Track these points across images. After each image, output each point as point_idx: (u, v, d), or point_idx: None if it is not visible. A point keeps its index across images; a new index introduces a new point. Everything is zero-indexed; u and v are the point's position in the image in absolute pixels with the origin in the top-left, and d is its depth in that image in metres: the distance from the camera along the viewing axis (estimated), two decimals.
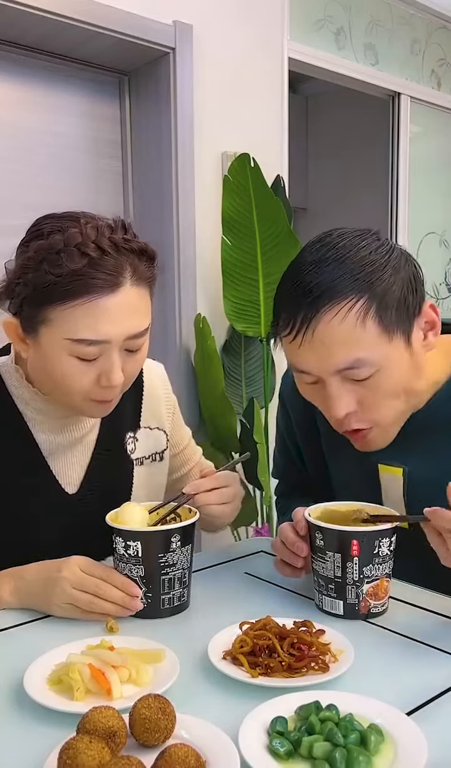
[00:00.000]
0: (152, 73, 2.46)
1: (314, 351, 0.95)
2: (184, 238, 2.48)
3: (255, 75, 2.65)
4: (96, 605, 0.94)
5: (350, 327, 0.93)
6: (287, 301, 0.97)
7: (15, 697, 0.78)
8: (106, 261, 0.95)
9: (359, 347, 0.94)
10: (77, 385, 1.00)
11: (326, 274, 0.93)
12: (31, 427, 1.10)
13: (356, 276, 0.93)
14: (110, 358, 0.98)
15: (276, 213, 2.42)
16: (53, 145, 2.42)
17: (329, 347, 0.94)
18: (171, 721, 0.68)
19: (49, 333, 0.97)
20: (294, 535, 1.02)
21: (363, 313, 0.93)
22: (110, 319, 0.96)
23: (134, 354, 1.02)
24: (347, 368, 0.95)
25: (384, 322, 0.94)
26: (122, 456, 1.19)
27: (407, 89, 3.32)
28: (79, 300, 0.94)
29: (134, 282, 0.98)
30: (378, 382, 0.96)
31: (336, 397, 0.97)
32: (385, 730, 0.69)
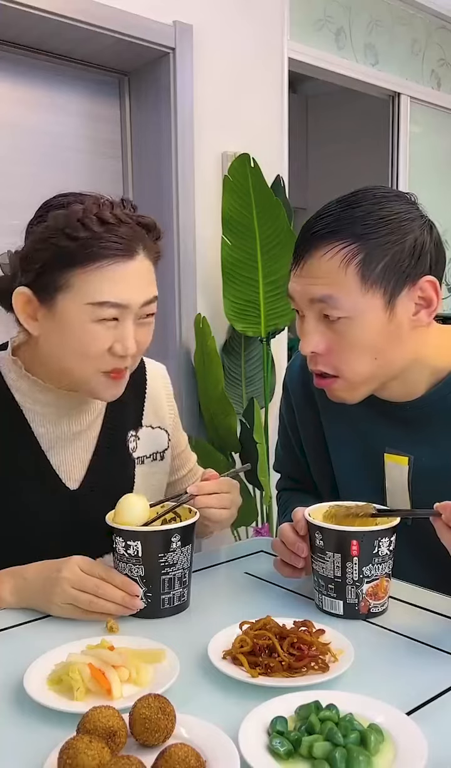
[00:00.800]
0: (152, 73, 2.46)
1: (301, 279, 1.01)
2: (184, 238, 2.48)
3: (255, 75, 2.65)
4: (96, 605, 0.94)
5: (333, 266, 0.97)
6: (300, 237, 1.03)
7: (15, 697, 0.78)
8: (123, 229, 1.00)
9: (335, 286, 0.97)
10: (93, 351, 1.01)
11: (334, 216, 0.99)
12: (29, 420, 1.10)
13: (357, 223, 0.97)
14: (126, 326, 1.01)
15: (276, 213, 2.42)
16: (53, 145, 2.42)
17: (312, 278, 0.99)
18: (171, 721, 0.68)
19: (68, 299, 0.99)
20: (294, 535, 1.02)
21: (349, 258, 0.96)
22: (129, 283, 1.00)
23: (145, 325, 1.05)
24: (320, 300, 0.99)
25: (365, 274, 0.96)
26: (124, 454, 1.19)
27: (407, 89, 3.32)
28: (99, 263, 0.98)
29: (146, 255, 1.03)
30: (347, 329, 0.99)
31: (307, 333, 1.02)
32: (385, 730, 0.69)
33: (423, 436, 1.07)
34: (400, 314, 0.99)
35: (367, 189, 1.03)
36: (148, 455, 1.22)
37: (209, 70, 2.50)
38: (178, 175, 2.45)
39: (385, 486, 1.13)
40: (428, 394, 1.07)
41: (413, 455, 1.09)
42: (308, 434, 1.25)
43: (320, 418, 1.21)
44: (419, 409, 1.07)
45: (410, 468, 1.09)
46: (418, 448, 1.08)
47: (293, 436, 1.29)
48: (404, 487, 1.10)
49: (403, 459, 1.09)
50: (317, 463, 1.24)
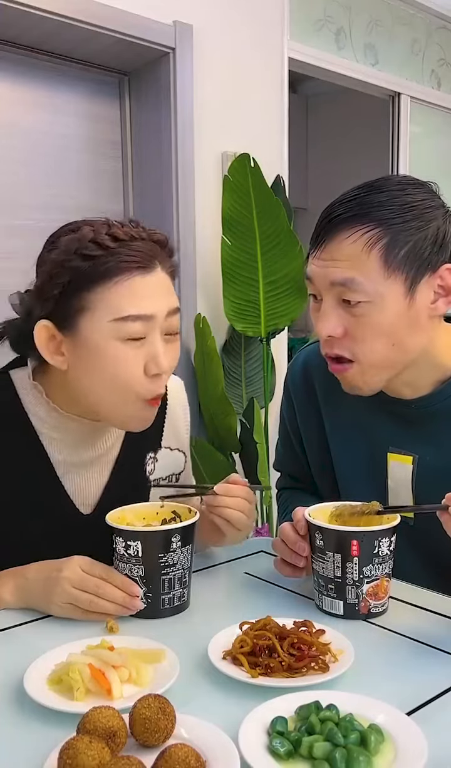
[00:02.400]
0: (152, 73, 2.46)
1: (321, 262, 1.00)
2: (184, 238, 2.48)
3: (255, 75, 2.65)
4: (96, 605, 0.94)
5: (356, 249, 0.97)
6: (321, 219, 1.03)
7: (15, 697, 0.78)
8: (137, 244, 0.98)
9: (357, 270, 0.97)
10: (127, 373, 0.97)
11: (358, 200, 0.99)
12: (46, 446, 1.07)
13: (381, 208, 0.97)
14: (155, 343, 0.98)
15: (276, 213, 2.42)
16: (53, 145, 2.43)
17: (334, 261, 0.99)
18: (171, 721, 0.68)
19: (91, 321, 0.96)
20: (295, 534, 1.02)
21: (372, 243, 0.96)
22: (150, 295, 0.97)
23: (172, 342, 1.02)
24: (341, 284, 0.98)
25: (388, 259, 0.96)
26: (140, 476, 1.17)
27: (407, 89, 3.32)
28: (118, 278, 0.96)
29: (163, 268, 1.01)
30: (366, 313, 0.98)
31: (326, 315, 1.01)
32: (385, 730, 0.69)
33: (428, 435, 1.07)
34: (419, 301, 0.99)
35: (389, 176, 1.03)
36: (164, 477, 1.20)
37: (209, 70, 2.50)
38: (178, 175, 2.45)
39: (387, 485, 1.13)
40: (435, 393, 1.07)
41: (418, 454, 1.09)
42: (310, 434, 1.25)
43: (321, 418, 1.21)
44: (424, 407, 1.07)
45: (414, 467, 1.09)
46: (422, 447, 1.08)
47: (293, 436, 1.29)
48: (407, 486, 1.10)
49: (407, 458, 1.09)
50: (318, 463, 1.24)
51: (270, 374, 2.62)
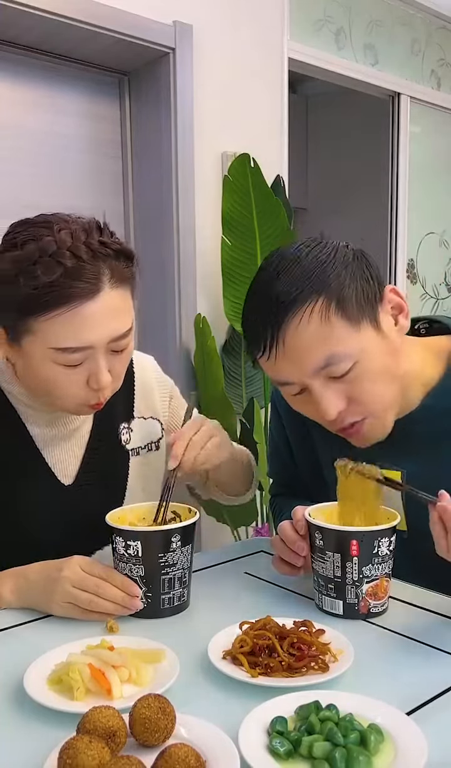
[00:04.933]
0: (152, 73, 2.46)
1: (288, 360, 0.97)
2: (184, 238, 2.48)
3: (255, 75, 2.65)
4: (96, 604, 0.94)
5: (316, 327, 0.94)
6: (252, 325, 1.00)
7: (15, 697, 0.78)
8: (83, 268, 0.94)
9: (331, 343, 0.95)
10: (66, 391, 1.00)
11: (280, 287, 0.95)
12: (24, 421, 1.10)
13: (308, 279, 0.95)
14: (96, 362, 0.99)
15: (276, 213, 2.41)
16: (53, 145, 2.42)
17: (302, 351, 0.96)
18: (171, 721, 0.68)
19: (32, 343, 0.97)
20: (294, 533, 1.02)
21: (325, 311, 0.94)
22: (92, 325, 0.95)
23: (120, 354, 1.02)
24: (325, 366, 0.96)
25: (348, 314, 0.95)
26: (117, 447, 1.19)
27: (407, 89, 3.32)
28: (58, 310, 0.93)
29: (113, 284, 0.97)
30: (359, 373, 0.97)
31: (323, 399, 0.98)
32: (385, 730, 0.69)
33: (415, 449, 1.06)
34: (387, 330, 1.00)
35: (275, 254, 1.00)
36: (142, 446, 1.23)
37: (209, 70, 2.50)
38: (178, 175, 2.45)
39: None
40: (420, 407, 1.07)
41: (407, 469, 1.08)
42: (299, 446, 1.24)
43: (309, 431, 1.20)
44: (410, 423, 1.07)
45: (403, 481, 1.08)
46: (411, 461, 1.07)
47: (283, 448, 1.29)
48: (398, 500, 1.10)
49: (395, 474, 1.09)
50: (310, 472, 1.24)
51: None
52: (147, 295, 2.61)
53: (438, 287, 3.68)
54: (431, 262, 3.60)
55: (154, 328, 2.59)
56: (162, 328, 2.56)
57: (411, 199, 3.43)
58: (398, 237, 3.40)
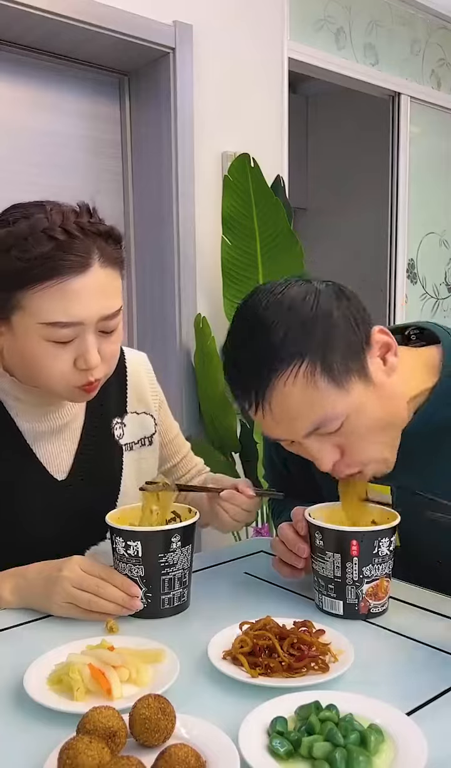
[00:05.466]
0: (152, 73, 2.46)
1: (276, 421, 0.95)
2: (184, 238, 2.48)
3: (255, 75, 2.65)
4: (96, 604, 0.94)
5: (302, 391, 0.91)
6: (236, 380, 0.98)
7: (15, 697, 0.78)
8: (74, 243, 0.95)
9: (318, 407, 0.92)
10: (55, 370, 0.99)
11: (261, 347, 0.92)
12: (13, 416, 1.10)
13: (288, 341, 0.91)
14: (85, 340, 0.98)
15: (276, 213, 2.41)
16: (53, 145, 2.42)
17: (289, 415, 0.93)
18: (171, 721, 0.68)
19: (22, 319, 0.97)
20: (294, 535, 1.02)
21: (310, 374, 0.91)
22: (81, 300, 0.96)
23: (109, 336, 1.02)
24: (314, 429, 0.94)
25: (333, 375, 0.91)
26: (110, 442, 1.19)
27: (407, 89, 3.32)
28: (48, 282, 0.94)
29: (102, 263, 0.98)
30: (352, 428, 0.94)
31: (317, 453, 0.97)
32: (385, 730, 0.69)
33: (402, 463, 1.04)
34: (377, 377, 0.96)
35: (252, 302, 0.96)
36: (135, 441, 1.22)
37: (209, 70, 2.50)
38: (178, 175, 2.45)
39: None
40: (412, 422, 1.04)
41: (395, 484, 1.07)
42: (293, 461, 1.23)
43: None
44: (404, 437, 1.03)
45: (393, 496, 1.08)
46: (399, 476, 1.05)
47: (276, 458, 1.28)
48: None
49: (385, 489, 1.08)
50: (304, 482, 1.23)
51: None
52: (147, 295, 2.61)
53: (438, 287, 3.68)
54: (431, 262, 3.60)
55: (154, 328, 2.59)
56: (162, 328, 2.56)
57: (411, 199, 3.43)
58: (398, 237, 3.40)
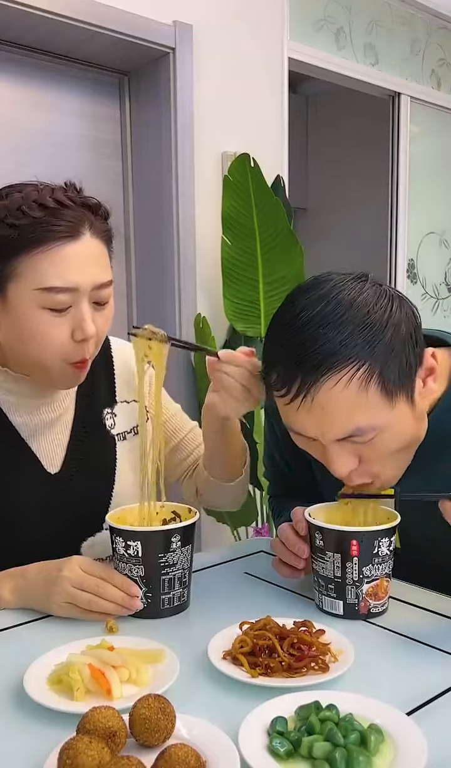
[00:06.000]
0: (152, 73, 2.46)
1: (313, 417, 0.90)
2: (184, 238, 2.48)
3: (255, 75, 2.65)
4: (96, 604, 0.94)
5: (353, 395, 0.88)
6: (283, 360, 0.91)
7: (15, 697, 0.78)
8: (65, 212, 0.98)
9: (361, 415, 0.89)
10: (51, 342, 1.00)
11: (325, 339, 0.87)
12: (6, 411, 1.10)
13: (356, 341, 0.87)
14: (81, 309, 1.00)
15: (276, 213, 2.41)
16: (53, 145, 2.42)
17: (330, 414, 0.89)
18: (171, 721, 0.68)
19: (18, 287, 0.98)
20: (294, 535, 1.01)
21: (366, 380, 0.87)
22: (76, 266, 0.98)
23: (102, 309, 1.04)
24: (348, 436, 0.91)
25: (387, 388, 0.89)
26: (102, 432, 1.19)
27: (407, 89, 3.32)
28: (43, 247, 0.96)
29: (93, 234, 1.01)
30: (381, 442, 0.92)
31: (336, 458, 0.93)
32: (385, 730, 0.69)
33: (417, 466, 1.03)
34: (417, 399, 0.94)
35: (327, 286, 0.91)
36: (128, 430, 1.22)
37: (209, 70, 2.50)
38: (178, 175, 2.45)
39: None
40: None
41: (399, 486, 1.05)
42: (295, 460, 1.23)
43: None
44: None
45: (396, 499, 1.08)
46: (403, 479, 1.04)
47: (278, 457, 1.28)
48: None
49: (388, 491, 1.08)
50: (305, 481, 1.23)
51: None
52: (147, 295, 2.61)
53: (438, 287, 3.68)
54: (431, 262, 3.60)
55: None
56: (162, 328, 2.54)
57: (411, 199, 3.43)
58: (398, 237, 3.40)
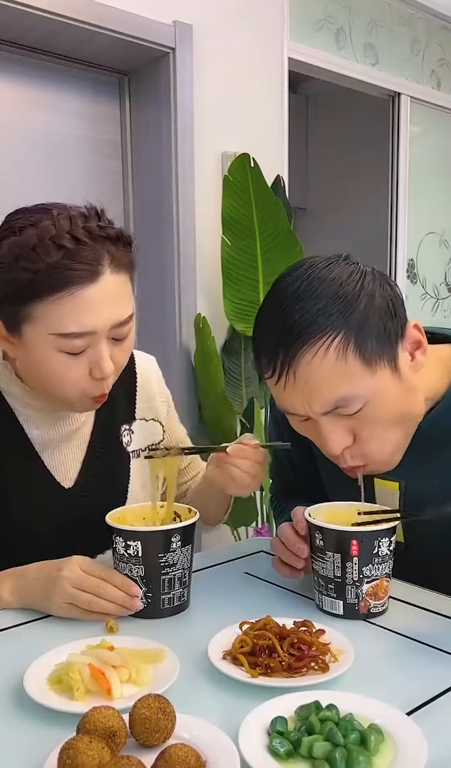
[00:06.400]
0: (152, 73, 2.46)
1: (298, 392, 0.93)
2: (184, 238, 2.48)
3: (255, 75, 2.65)
4: (96, 605, 0.94)
5: (331, 364, 0.90)
6: (265, 343, 0.95)
7: (15, 697, 0.78)
8: (83, 251, 0.93)
9: (343, 384, 0.91)
10: (69, 380, 0.99)
11: (300, 313, 0.90)
12: (22, 422, 1.09)
13: (330, 311, 0.90)
14: (98, 349, 0.97)
15: (276, 213, 2.41)
16: (53, 145, 2.42)
17: (312, 387, 0.92)
18: (171, 721, 0.68)
19: (34, 330, 0.96)
20: (294, 535, 1.01)
21: (343, 349, 0.90)
22: (93, 309, 0.94)
23: (121, 342, 1.01)
24: (334, 407, 0.93)
25: (365, 355, 0.91)
26: (118, 449, 1.19)
27: (407, 89, 3.32)
28: (59, 293, 0.92)
29: (113, 269, 0.97)
30: (370, 413, 0.93)
31: (329, 434, 0.95)
32: (385, 730, 0.69)
33: (414, 461, 1.04)
34: (403, 369, 0.95)
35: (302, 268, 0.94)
36: (143, 448, 1.22)
37: (209, 70, 2.50)
38: (178, 175, 2.45)
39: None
40: (425, 421, 1.04)
41: (404, 480, 1.06)
42: (300, 456, 1.23)
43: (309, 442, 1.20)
44: (415, 435, 1.03)
45: (401, 493, 1.08)
46: (408, 472, 1.05)
47: (283, 457, 1.28)
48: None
49: (393, 485, 1.07)
50: (309, 480, 1.23)
51: None
52: (147, 295, 2.61)
53: (438, 287, 3.68)
54: (431, 262, 3.60)
55: (154, 328, 2.59)
56: (162, 328, 2.56)
57: (411, 199, 3.43)
58: (398, 237, 3.40)
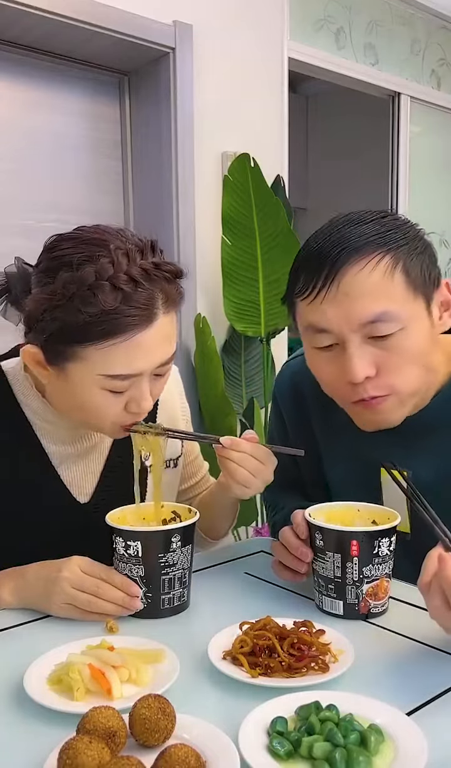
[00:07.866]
0: (152, 73, 2.46)
1: (337, 305, 0.94)
2: (184, 238, 2.48)
3: (255, 75, 2.65)
4: (95, 605, 0.94)
5: (378, 278, 0.93)
6: (310, 261, 0.96)
7: (15, 697, 0.78)
8: (140, 294, 0.91)
9: (387, 299, 0.93)
10: (108, 414, 0.98)
11: (352, 232, 0.94)
12: (40, 437, 1.08)
13: (382, 234, 0.94)
14: (140, 387, 0.97)
15: (276, 213, 2.42)
16: (53, 145, 2.42)
17: (355, 299, 0.93)
18: (171, 721, 0.68)
19: (79, 369, 0.94)
20: (297, 539, 1.01)
21: (391, 267, 0.93)
22: (145, 353, 0.94)
23: (161, 377, 1.01)
24: (372, 321, 0.93)
25: (411, 278, 0.94)
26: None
27: (407, 89, 3.32)
28: (114, 339, 0.91)
29: (166, 310, 0.95)
30: (400, 341, 0.94)
31: (356, 358, 0.94)
32: (385, 730, 0.69)
33: (422, 448, 1.05)
34: (434, 316, 0.99)
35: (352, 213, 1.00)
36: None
37: (209, 70, 2.50)
38: (178, 175, 2.45)
39: (382, 500, 1.12)
40: (430, 405, 1.05)
41: (412, 469, 1.06)
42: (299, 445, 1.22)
43: (313, 431, 1.19)
44: (419, 420, 1.05)
45: (407, 482, 1.08)
46: (417, 460, 1.06)
47: (279, 441, 1.27)
48: (402, 501, 1.08)
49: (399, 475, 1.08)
50: (311, 474, 1.23)
51: (270, 374, 2.62)
52: None
53: None
54: None
55: None
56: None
57: (411, 199, 3.43)
58: None
